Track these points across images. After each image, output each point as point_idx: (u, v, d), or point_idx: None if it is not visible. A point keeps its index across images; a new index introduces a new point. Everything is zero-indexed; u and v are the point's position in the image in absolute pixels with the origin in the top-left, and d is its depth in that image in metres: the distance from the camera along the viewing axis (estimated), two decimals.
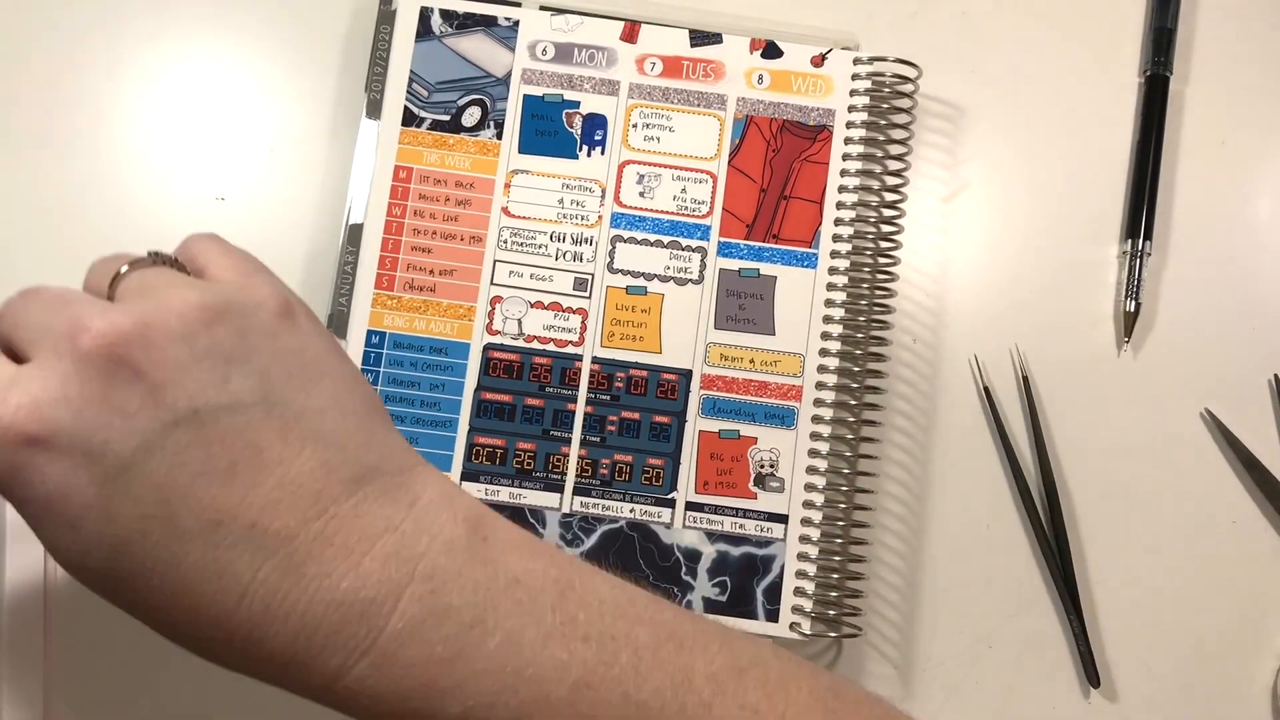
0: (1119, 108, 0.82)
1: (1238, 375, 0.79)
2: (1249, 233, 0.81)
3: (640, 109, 0.75)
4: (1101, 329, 0.80)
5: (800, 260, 0.74)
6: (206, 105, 0.79)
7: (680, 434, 0.72)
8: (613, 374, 0.73)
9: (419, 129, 0.74)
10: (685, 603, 0.71)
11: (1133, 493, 0.78)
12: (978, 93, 0.82)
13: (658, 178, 0.75)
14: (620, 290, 0.73)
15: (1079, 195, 0.81)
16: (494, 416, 0.72)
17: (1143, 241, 0.79)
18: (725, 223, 0.74)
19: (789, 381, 0.73)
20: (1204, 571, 0.77)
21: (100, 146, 0.78)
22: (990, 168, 0.81)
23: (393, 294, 0.73)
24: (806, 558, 0.71)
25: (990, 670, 0.76)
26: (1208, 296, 0.80)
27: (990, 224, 0.81)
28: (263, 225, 0.78)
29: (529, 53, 0.75)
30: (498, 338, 0.73)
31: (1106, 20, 0.83)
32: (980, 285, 0.80)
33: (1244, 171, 0.82)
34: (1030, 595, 0.76)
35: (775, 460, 0.72)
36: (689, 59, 0.76)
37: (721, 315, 0.74)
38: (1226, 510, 0.78)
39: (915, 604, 0.76)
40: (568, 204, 0.74)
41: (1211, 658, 0.76)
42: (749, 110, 0.75)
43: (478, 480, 0.71)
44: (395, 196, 0.74)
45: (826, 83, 0.76)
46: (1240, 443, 0.77)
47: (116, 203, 0.77)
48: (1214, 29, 0.83)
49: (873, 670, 0.75)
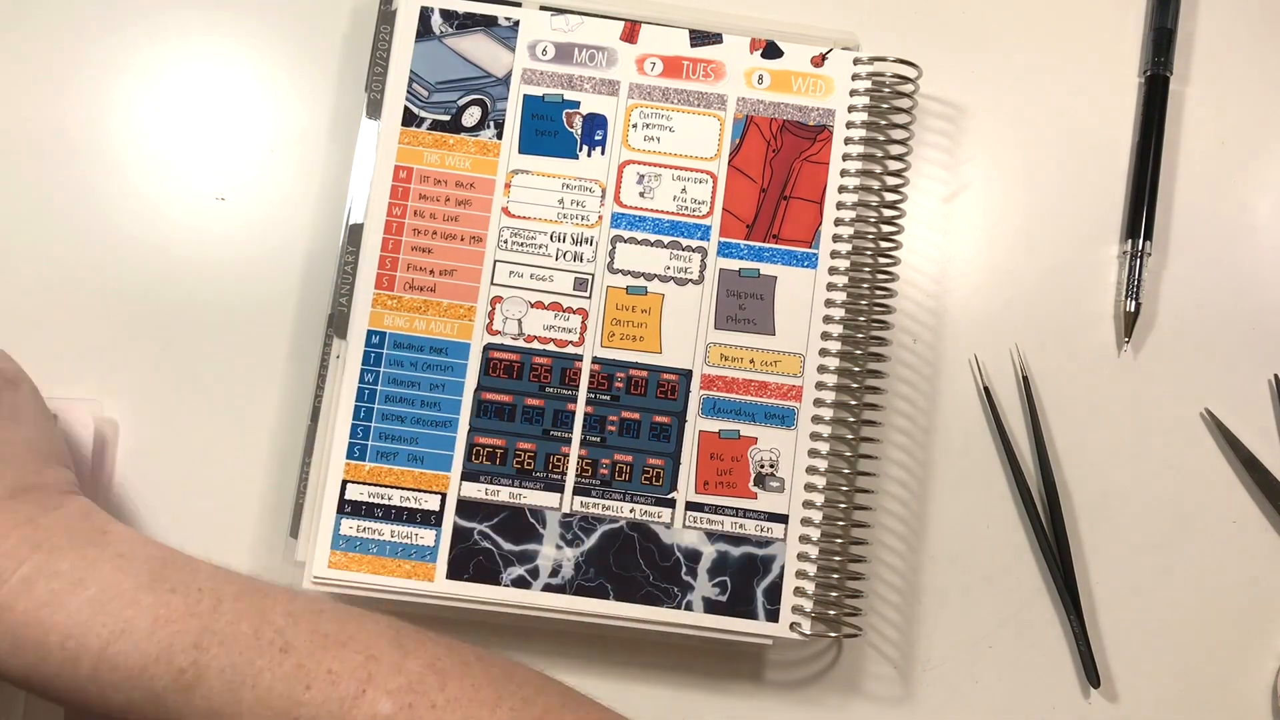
0: (1119, 108, 0.82)
1: (1237, 375, 0.79)
2: (1249, 232, 0.81)
3: (640, 109, 0.75)
4: (1101, 329, 0.80)
5: (800, 260, 0.74)
6: (206, 105, 0.79)
7: (680, 434, 0.72)
8: (613, 374, 0.73)
9: (419, 129, 0.74)
10: (685, 603, 0.71)
11: (1132, 493, 0.78)
12: (978, 93, 0.82)
13: (658, 178, 0.74)
14: (620, 290, 0.73)
15: (1079, 195, 0.81)
16: (494, 416, 0.72)
17: (1143, 241, 0.79)
18: (725, 223, 0.74)
19: (789, 381, 0.73)
20: (1204, 571, 0.77)
21: (100, 146, 0.78)
22: (990, 168, 0.81)
23: (393, 294, 0.73)
24: (806, 558, 0.71)
25: (990, 670, 0.76)
26: (1208, 296, 0.80)
27: (990, 224, 0.81)
28: (263, 225, 0.78)
29: (529, 53, 0.75)
30: (498, 338, 0.73)
31: (1106, 20, 0.83)
32: (980, 285, 0.80)
33: (1244, 171, 0.82)
34: (1030, 595, 0.76)
35: (775, 460, 0.72)
36: (689, 59, 0.76)
37: (722, 315, 0.73)
38: (1226, 510, 0.78)
39: (915, 604, 0.76)
40: (568, 204, 0.74)
41: (1211, 657, 0.77)
42: (749, 110, 0.75)
43: (478, 480, 0.71)
44: (395, 196, 0.73)
45: (827, 83, 0.76)
46: (1240, 442, 0.78)
47: (117, 203, 0.77)
48: (1214, 29, 0.84)
49: (873, 670, 0.75)
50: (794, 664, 0.76)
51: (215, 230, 0.77)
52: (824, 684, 0.75)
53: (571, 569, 0.70)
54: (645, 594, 0.70)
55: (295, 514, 0.73)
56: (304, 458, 0.73)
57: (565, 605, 0.70)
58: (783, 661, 0.76)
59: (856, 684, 0.75)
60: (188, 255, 0.77)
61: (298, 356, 0.76)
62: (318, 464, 0.72)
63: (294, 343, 0.77)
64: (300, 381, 0.76)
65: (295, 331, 0.77)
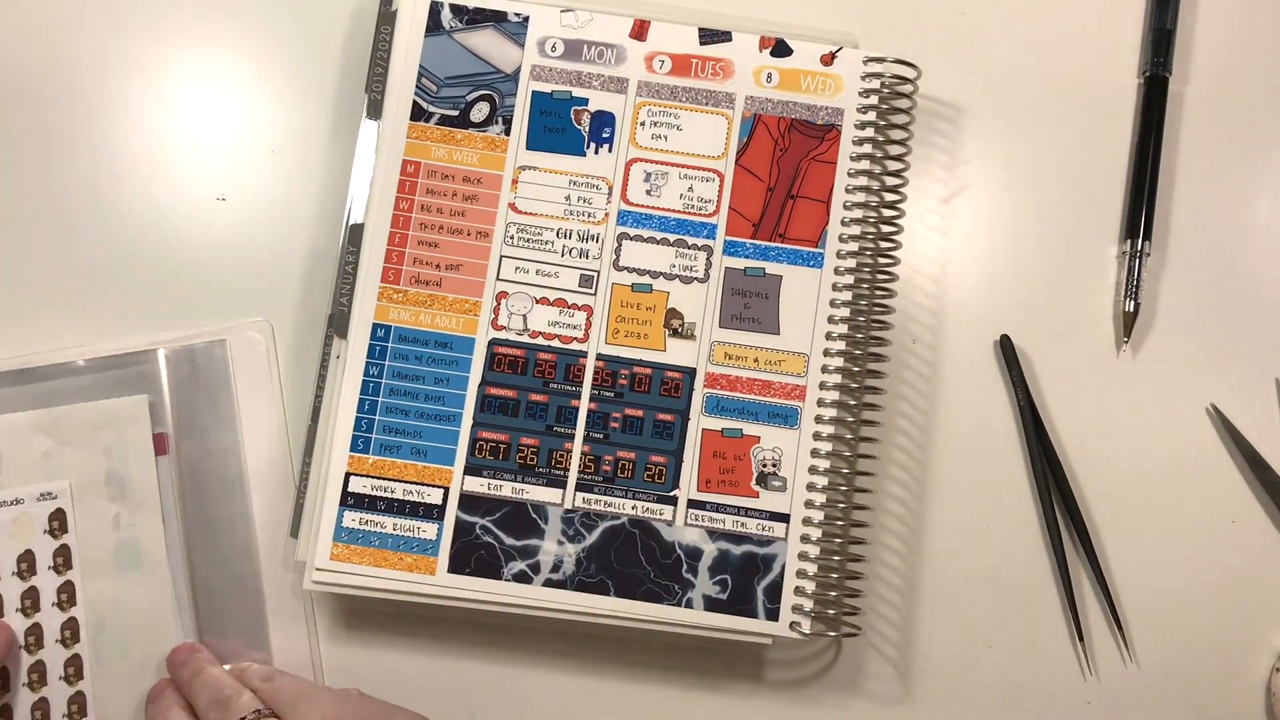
0: (1119, 108, 0.83)
1: (1236, 375, 0.80)
2: (1248, 232, 0.82)
3: (648, 107, 0.75)
4: (1101, 329, 0.80)
5: (806, 260, 0.74)
6: (207, 106, 0.79)
7: (683, 432, 0.72)
8: (617, 371, 0.73)
9: (427, 124, 0.74)
10: (686, 600, 0.71)
11: (1131, 492, 0.78)
12: (978, 93, 0.82)
13: (665, 176, 0.74)
14: (625, 288, 0.73)
15: (1079, 196, 0.81)
16: (498, 412, 0.72)
17: (1142, 241, 0.79)
18: (732, 221, 0.74)
19: (793, 381, 0.73)
20: (1204, 570, 0.78)
21: (101, 146, 0.77)
22: (990, 168, 0.81)
23: (399, 287, 0.72)
24: (807, 557, 0.71)
25: (990, 670, 0.76)
26: (1207, 296, 0.81)
27: (990, 224, 0.81)
28: (263, 225, 0.77)
29: (538, 49, 0.75)
30: (503, 333, 0.73)
31: (1106, 20, 0.84)
32: (979, 285, 0.80)
33: (1244, 171, 0.82)
34: (1030, 595, 0.77)
35: (778, 459, 0.72)
36: (698, 57, 0.76)
37: (726, 314, 0.74)
38: (1226, 509, 0.78)
39: (915, 604, 0.76)
40: (574, 201, 0.74)
41: (1210, 655, 0.77)
42: (757, 109, 0.75)
43: (480, 475, 0.71)
44: (403, 191, 0.73)
45: (836, 81, 0.76)
46: (1245, 440, 0.78)
47: (117, 203, 0.77)
48: (1214, 29, 0.84)
49: (872, 670, 0.76)
50: (794, 663, 0.76)
51: (215, 230, 0.77)
52: (824, 683, 0.75)
53: (573, 565, 0.70)
54: (646, 591, 0.71)
55: (295, 514, 0.72)
56: (304, 458, 0.73)
57: (566, 601, 0.70)
58: (782, 660, 0.76)
59: (856, 683, 0.76)
60: (188, 255, 0.77)
61: (298, 356, 0.76)
62: (319, 458, 0.72)
63: (294, 343, 0.76)
64: (300, 381, 0.76)
65: (295, 331, 0.76)
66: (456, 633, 0.74)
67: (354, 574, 0.70)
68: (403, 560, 0.70)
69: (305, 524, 0.72)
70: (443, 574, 0.70)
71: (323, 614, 0.74)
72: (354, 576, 0.70)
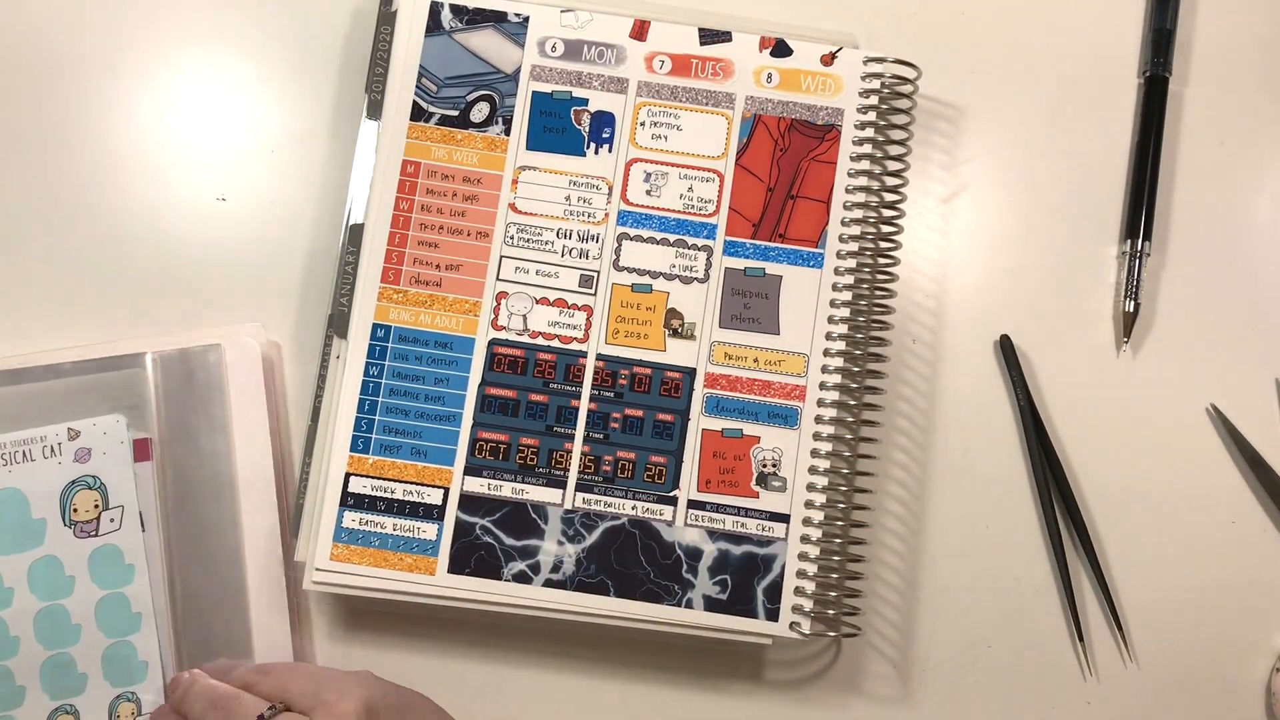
0: (1119, 108, 0.83)
1: (1236, 376, 0.80)
2: (1248, 232, 0.82)
3: (648, 107, 0.75)
4: (1101, 329, 0.80)
5: (806, 260, 0.74)
6: (207, 106, 0.79)
7: (683, 432, 0.72)
8: (617, 371, 0.73)
9: (427, 124, 0.74)
10: (686, 600, 0.71)
11: (1130, 491, 0.78)
12: (978, 93, 0.82)
13: (665, 176, 0.74)
14: (625, 288, 0.73)
15: (1078, 196, 0.82)
16: (498, 412, 0.72)
17: (1142, 241, 0.79)
18: (732, 221, 0.74)
19: (793, 381, 0.73)
20: (1203, 571, 0.78)
21: (101, 146, 0.77)
22: (990, 168, 0.81)
23: (399, 288, 0.72)
24: (807, 557, 0.71)
25: (990, 670, 0.76)
26: (1207, 296, 0.81)
27: (990, 224, 0.81)
28: (263, 225, 0.77)
29: (538, 49, 0.75)
30: (503, 333, 0.73)
31: (1106, 21, 0.84)
32: (979, 285, 0.80)
33: (1243, 171, 0.82)
34: (1029, 595, 0.77)
35: (778, 460, 0.72)
36: (698, 57, 0.76)
37: (726, 314, 0.73)
38: (1226, 510, 0.78)
39: (915, 604, 0.76)
40: (574, 201, 0.74)
41: (1210, 655, 0.77)
42: (757, 109, 0.75)
43: (480, 475, 0.71)
44: (403, 190, 0.73)
45: (836, 82, 0.76)
46: (1245, 440, 0.78)
47: (117, 202, 0.77)
48: (1214, 29, 0.84)
49: (872, 670, 0.76)
50: (793, 663, 0.76)
51: (215, 230, 0.77)
52: (823, 683, 0.75)
53: (573, 565, 0.70)
54: (646, 591, 0.70)
55: (295, 514, 0.72)
56: (304, 459, 0.73)
57: (566, 601, 0.70)
58: (782, 661, 0.76)
59: (856, 683, 0.76)
60: (188, 255, 0.77)
61: (298, 357, 0.76)
62: (319, 458, 0.72)
63: (294, 343, 0.76)
64: (300, 382, 0.76)
65: (295, 332, 0.76)
66: (456, 633, 0.74)
67: (354, 574, 0.70)
68: (403, 560, 0.70)
69: (305, 524, 0.71)
70: (443, 574, 0.70)
71: (322, 614, 0.74)
72: (354, 577, 0.70)
